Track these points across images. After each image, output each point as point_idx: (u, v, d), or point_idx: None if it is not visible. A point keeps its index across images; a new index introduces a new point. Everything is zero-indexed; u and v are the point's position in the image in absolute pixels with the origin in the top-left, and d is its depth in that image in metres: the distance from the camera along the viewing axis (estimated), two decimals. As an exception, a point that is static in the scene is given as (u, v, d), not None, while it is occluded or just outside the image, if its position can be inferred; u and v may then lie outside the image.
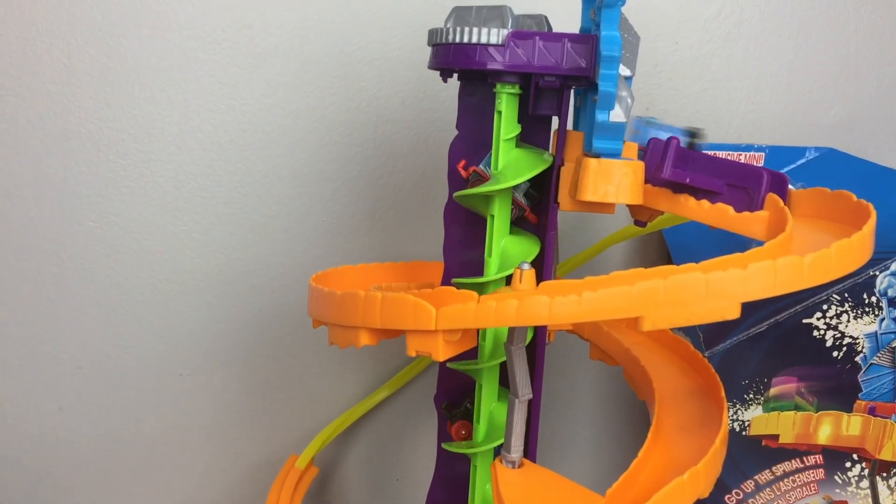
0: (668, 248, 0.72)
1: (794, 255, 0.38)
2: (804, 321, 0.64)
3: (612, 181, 0.45)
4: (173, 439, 0.74)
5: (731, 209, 0.46)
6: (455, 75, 0.51)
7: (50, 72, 0.67)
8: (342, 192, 0.71)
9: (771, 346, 0.64)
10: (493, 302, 0.39)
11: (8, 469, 0.73)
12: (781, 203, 0.44)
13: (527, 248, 0.49)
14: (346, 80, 0.70)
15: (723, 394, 0.48)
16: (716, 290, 0.37)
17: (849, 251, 0.39)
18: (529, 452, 0.52)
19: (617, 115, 0.45)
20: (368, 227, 0.72)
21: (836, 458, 0.67)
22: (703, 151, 0.49)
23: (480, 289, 0.49)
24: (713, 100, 0.74)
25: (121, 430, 0.73)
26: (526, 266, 0.42)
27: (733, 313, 0.37)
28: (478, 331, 0.45)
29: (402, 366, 0.74)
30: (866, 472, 0.67)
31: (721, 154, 0.70)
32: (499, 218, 0.50)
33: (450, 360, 0.53)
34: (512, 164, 0.49)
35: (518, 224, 0.51)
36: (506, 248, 0.50)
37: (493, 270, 0.49)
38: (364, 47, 0.70)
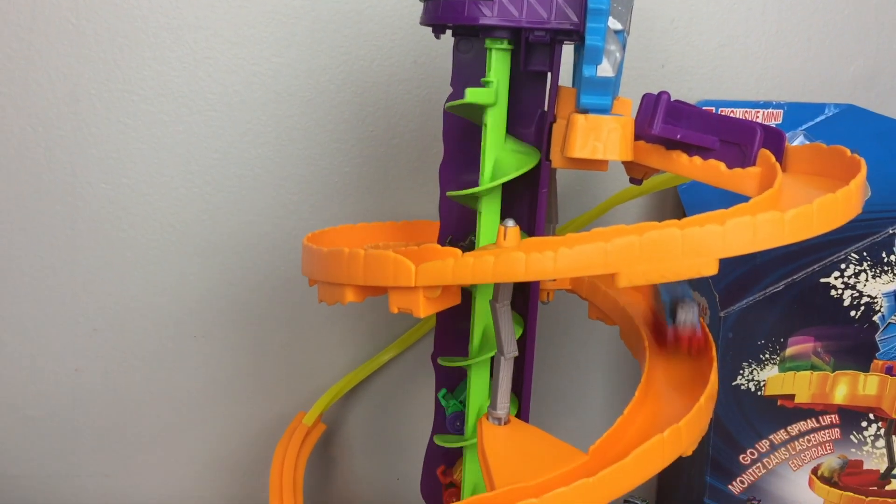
0: (683, 207, 0.71)
1: (774, 210, 0.37)
2: (821, 280, 0.63)
3: (600, 137, 0.44)
4: (187, 400, 0.76)
5: (722, 165, 0.45)
6: (449, 31, 0.51)
7: (58, 32, 0.67)
8: (354, 153, 0.71)
9: (787, 305, 0.63)
10: (471, 259, 0.39)
11: (25, 429, 0.75)
12: (773, 159, 0.43)
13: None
14: (358, 39, 0.70)
15: (713, 353, 0.47)
16: (692, 246, 0.37)
17: (832, 207, 0.38)
18: (522, 412, 0.52)
19: (605, 69, 0.44)
20: (381, 187, 0.72)
21: (852, 417, 0.66)
22: (701, 107, 0.48)
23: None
24: (730, 56, 0.72)
25: (136, 392, 0.75)
26: (510, 223, 0.41)
27: (710, 269, 0.37)
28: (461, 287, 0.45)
29: (407, 328, 0.75)
30: (882, 431, 0.66)
31: (738, 112, 0.69)
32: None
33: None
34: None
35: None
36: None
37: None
38: (376, 5, 0.69)
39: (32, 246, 0.71)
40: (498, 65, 0.48)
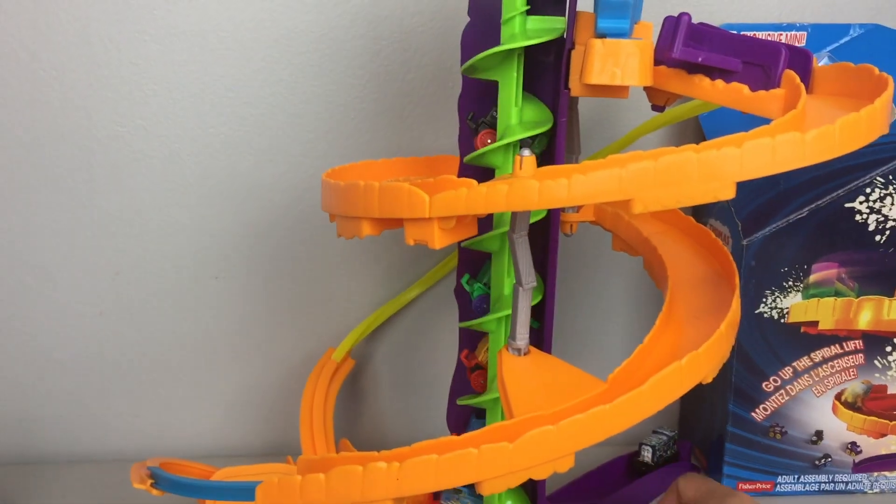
0: (704, 136, 0.70)
1: (794, 131, 0.36)
2: (846, 205, 0.62)
3: (618, 62, 0.44)
4: (211, 339, 0.76)
5: (746, 88, 0.44)
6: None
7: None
8: (369, 88, 0.71)
9: (812, 232, 0.62)
10: (484, 188, 0.38)
11: (52, 372, 0.76)
12: (797, 79, 0.42)
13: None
14: (369, -30, 0.68)
15: (736, 280, 0.47)
16: (708, 170, 0.36)
17: (855, 126, 0.37)
18: (545, 344, 0.52)
19: (622, -9, 0.43)
20: (397, 123, 0.72)
21: (876, 342, 0.65)
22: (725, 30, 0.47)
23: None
24: (752, -24, 0.71)
25: (160, 333, 0.76)
26: (526, 153, 0.41)
27: (727, 193, 0.36)
28: (478, 219, 0.44)
29: (430, 267, 0.75)
30: (907, 357, 0.66)
31: (761, 35, 0.67)
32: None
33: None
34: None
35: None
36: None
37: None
38: (387, -63, 0.68)
39: (51, 191, 0.71)
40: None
